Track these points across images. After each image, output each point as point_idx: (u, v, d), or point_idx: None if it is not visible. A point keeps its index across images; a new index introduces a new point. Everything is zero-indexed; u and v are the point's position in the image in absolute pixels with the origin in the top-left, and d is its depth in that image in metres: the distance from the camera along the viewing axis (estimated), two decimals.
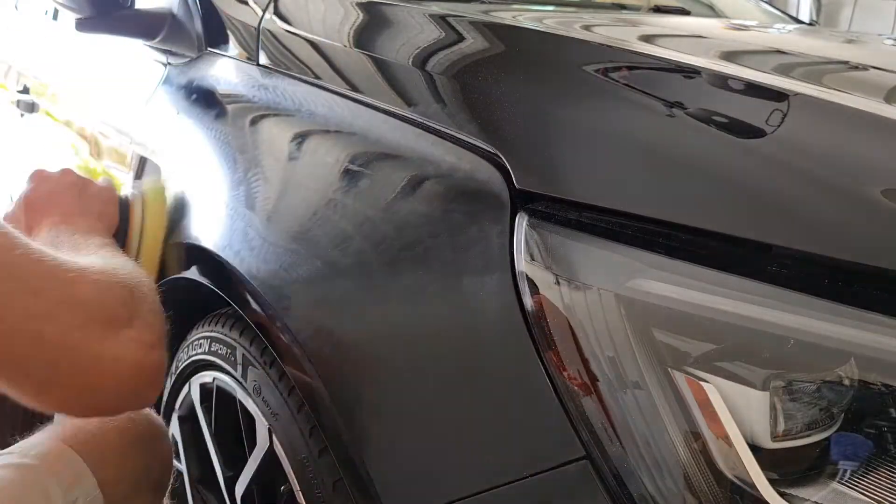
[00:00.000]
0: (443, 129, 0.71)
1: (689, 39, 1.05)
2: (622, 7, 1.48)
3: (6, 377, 0.62)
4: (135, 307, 0.69)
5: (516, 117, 0.67)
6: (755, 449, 0.51)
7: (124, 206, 0.96)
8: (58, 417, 0.86)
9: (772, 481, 0.50)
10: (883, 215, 0.52)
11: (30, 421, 0.82)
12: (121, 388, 0.67)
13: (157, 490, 0.88)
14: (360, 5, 0.96)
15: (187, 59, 1.15)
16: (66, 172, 0.95)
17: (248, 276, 0.82)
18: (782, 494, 0.50)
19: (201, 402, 0.99)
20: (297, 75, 0.93)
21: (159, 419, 0.91)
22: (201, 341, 0.97)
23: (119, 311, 0.67)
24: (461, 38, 0.83)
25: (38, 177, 0.93)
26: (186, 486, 1.03)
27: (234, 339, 0.90)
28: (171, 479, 0.91)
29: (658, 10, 1.52)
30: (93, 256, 0.74)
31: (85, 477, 0.80)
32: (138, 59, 1.26)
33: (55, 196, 0.89)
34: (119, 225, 0.94)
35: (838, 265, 0.50)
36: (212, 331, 0.95)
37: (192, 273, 0.95)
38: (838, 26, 4.48)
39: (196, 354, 0.98)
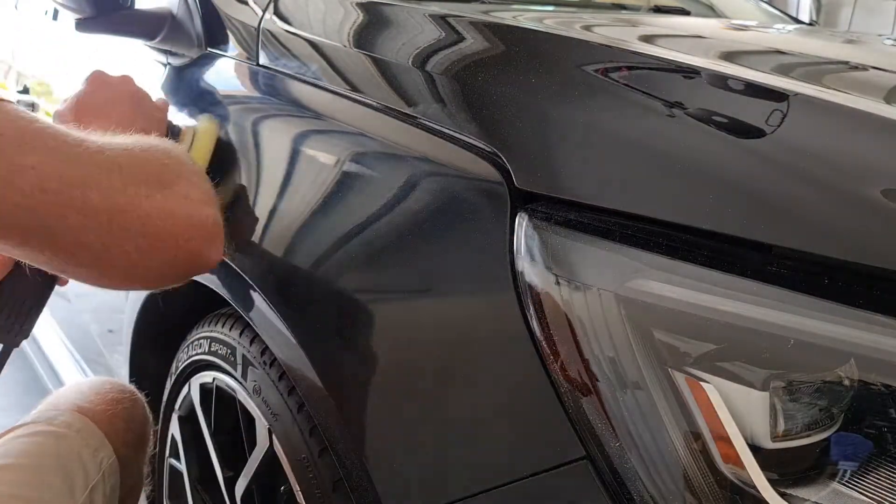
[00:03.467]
0: (443, 129, 0.71)
1: (689, 39, 1.05)
2: (622, 7, 1.48)
3: (66, 252, 0.61)
4: (177, 169, 0.67)
5: (516, 117, 0.67)
6: (755, 449, 0.51)
7: (174, 134, 0.93)
8: (62, 390, 0.97)
9: (772, 481, 0.50)
10: (883, 215, 0.52)
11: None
12: (179, 246, 0.66)
13: (144, 447, 1.00)
14: (360, 5, 0.96)
15: (187, 60, 1.15)
16: (126, 81, 0.92)
17: (248, 276, 0.82)
18: (782, 494, 0.50)
19: (201, 402, 0.99)
20: (297, 75, 0.93)
21: (139, 394, 1.00)
22: (201, 341, 0.97)
23: (160, 171, 0.66)
24: (461, 38, 0.83)
25: (98, 80, 0.90)
26: (186, 486, 1.03)
27: (234, 339, 0.90)
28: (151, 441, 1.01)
29: (658, 10, 1.52)
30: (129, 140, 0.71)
31: (104, 444, 0.90)
32: (138, 59, 1.26)
33: (111, 104, 0.87)
34: None
35: (838, 265, 0.50)
36: (212, 331, 0.95)
37: None
38: (838, 26, 4.48)
39: (196, 354, 0.98)
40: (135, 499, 1.01)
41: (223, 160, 0.96)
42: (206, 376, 0.97)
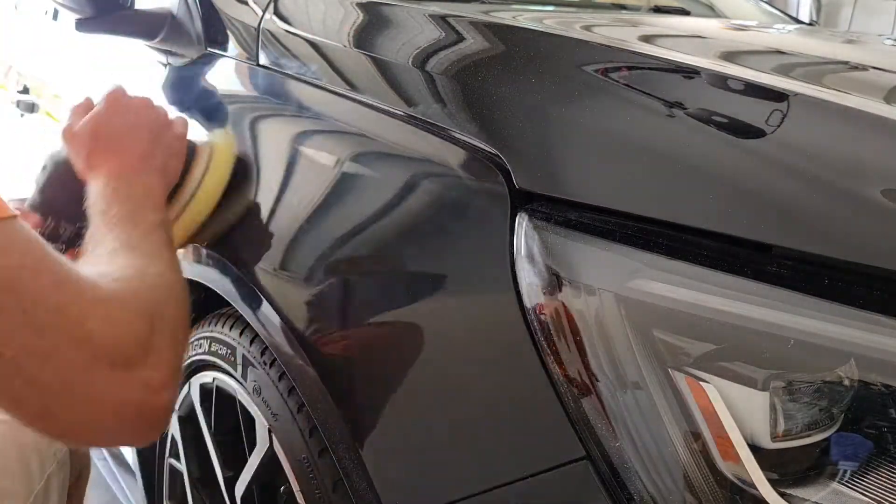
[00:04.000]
0: (443, 129, 0.71)
1: (689, 39, 1.05)
2: (622, 7, 1.48)
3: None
4: (152, 342, 0.62)
5: (516, 117, 0.67)
6: (755, 449, 0.51)
7: (190, 153, 0.89)
8: None
9: (772, 481, 0.50)
10: (883, 215, 0.52)
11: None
12: (122, 429, 0.61)
13: None
14: (360, 5, 0.96)
15: (187, 60, 1.15)
16: (147, 105, 0.86)
17: (248, 276, 0.82)
18: (782, 494, 0.50)
19: (201, 403, 0.99)
20: (297, 75, 0.93)
21: None
22: (201, 341, 0.97)
23: (132, 350, 0.60)
24: (461, 38, 0.83)
25: (117, 102, 0.84)
26: (186, 486, 1.03)
27: (234, 339, 0.90)
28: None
29: (658, 10, 1.52)
30: (133, 259, 0.68)
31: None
32: (138, 59, 1.26)
33: (130, 134, 0.81)
34: (185, 170, 0.88)
35: (838, 265, 0.50)
36: (212, 331, 0.95)
37: (193, 274, 0.95)
38: (838, 26, 4.48)
39: (196, 354, 0.98)
40: (83, 484, 1.03)
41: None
42: (206, 376, 0.97)
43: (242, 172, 0.92)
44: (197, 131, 0.97)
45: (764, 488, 0.50)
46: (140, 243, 0.71)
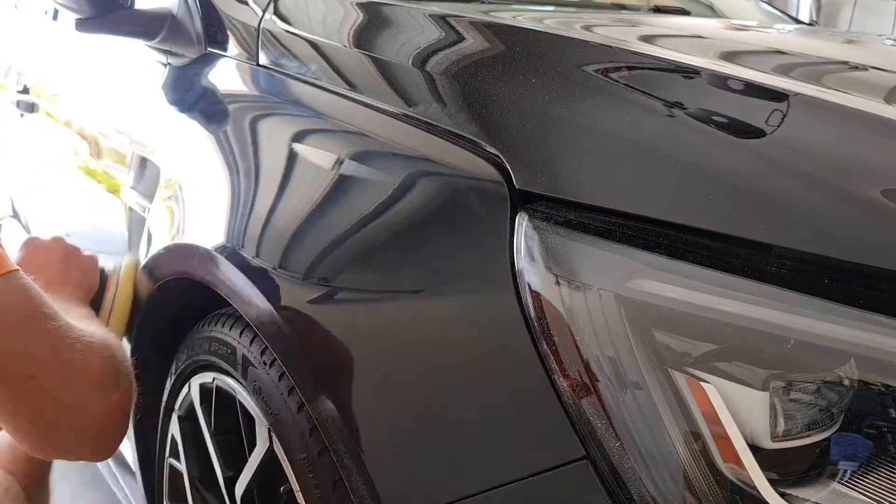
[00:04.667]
0: (443, 129, 0.71)
1: (689, 39, 1.05)
2: (622, 7, 1.48)
3: (13, 424, 0.74)
4: (119, 378, 0.82)
5: (516, 117, 0.67)
6: (755, 449, 0.51)
7: (102, 275, 1.08)
8: None
9: (772, 481, 0.50)
10: (883, 215, 0.52)
11: None
12: (94, 443, 0.80)
13: (48, 476, 1.03)
14: (360, 5, 0.96)
15: (187, 60, 1.14)
16: (56, 241, 1.05)
17: (248, 277, 0.82)
18: (782, 494, 0.50)
19: (201, 403, 0.99)
20: (296, 75, 0.93)
21: None
22: (201, 341, 0.97)
23: (111, 378, 0.80)
24: (461, 38, 0.83)
25: (31, 245, 1.04)
26: (186, 486, 1.03)
27: (234, 339, 0.90)
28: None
29: (658, 10, 1.52)
30: (92, 327, 0.87)
31: (8, 480, 0.93)
32: (138, 59, 1.26)
33: (46, 264, 1.00)
34: (97, 290, 1.06)
35: (838, 265, 0.50)
36: (212, 331, 0.95)
37: (193, 273, 0.95)
38: (838, 26, 4.48)
39: (196, 354, 0.98)
40: None
41: (223, 160, 0.96)
42: (206, 376, 0.97)
43: (242, 172, 0.92)
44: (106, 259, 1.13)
45: (764, 488, 0.50)
46: (84, 319, 0.90)
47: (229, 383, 0.92)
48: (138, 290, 1.07)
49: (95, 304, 1.05)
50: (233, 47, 1.06)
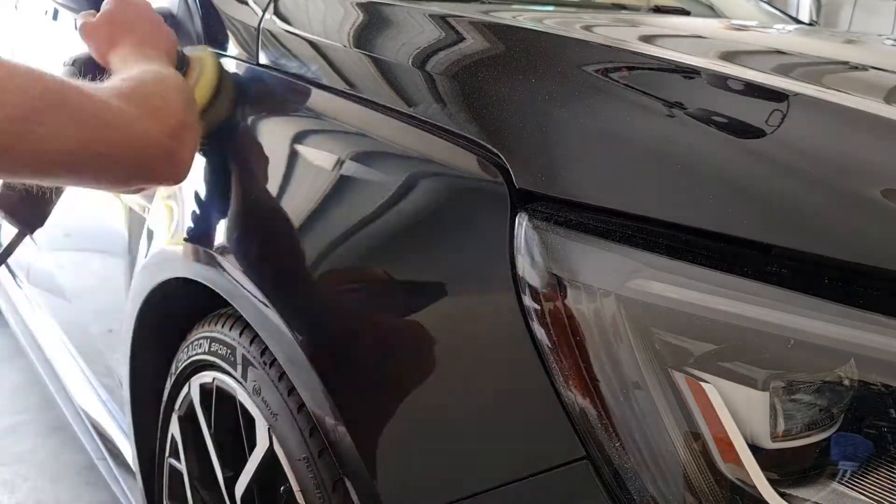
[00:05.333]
0: (443, 130, 0.71)
1: (689, 39, 1.05)
2: (622, 7, 1.48)
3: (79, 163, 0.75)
4: (182, 119, 0.83)
5: (516, 117, 0.67)
6: (755, 449, 0.51)
7: (184, 62, 1.02)
8: None
9: (772, 481, 0.50)
10: (883, 215, 0.52)
11: None
12: (164, 161, 0.81)
13: None
14: (360, 5, 0.96)
15: None
16: (146, 6, 1.03)
17: (248, 277, 0.82)
18: (782, 494, 0.50)
19: (201, 402, 0.99)
20: (297, 75, 0.93)
21: None
22: (201, 341, 0.97)
23: (173, 118, 0.82)
24: (461, 38, 0.83)
25: (122, 1, 1.01)
26: (186, 486, 1.03)
27: (234, 339, 0.90)
28: None
29: (658, 10, 1.52)
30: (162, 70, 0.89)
31: None
32: None
33: (137, 21, 0.99)
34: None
35: (838, 265, 0.50)
36: (212, 331, 0.95)
37: (193, 273, 0.95)
38: (838, 26, 4.48)
39: (196, 354, 0.98)
40: None
41: (223, 160, 0.96)
42: (206, 376, 0.97)
43: (242, 172, 0.92)
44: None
45: (764, 488, 0.50)
46: (161, 67, 0.90)
47: (229, 383, 0.92)
48: (217, 93, 1.02)
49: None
50: (233, 47, 1.06)
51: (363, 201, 0.74)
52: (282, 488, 0.83)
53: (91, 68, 0.98)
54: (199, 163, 1.01)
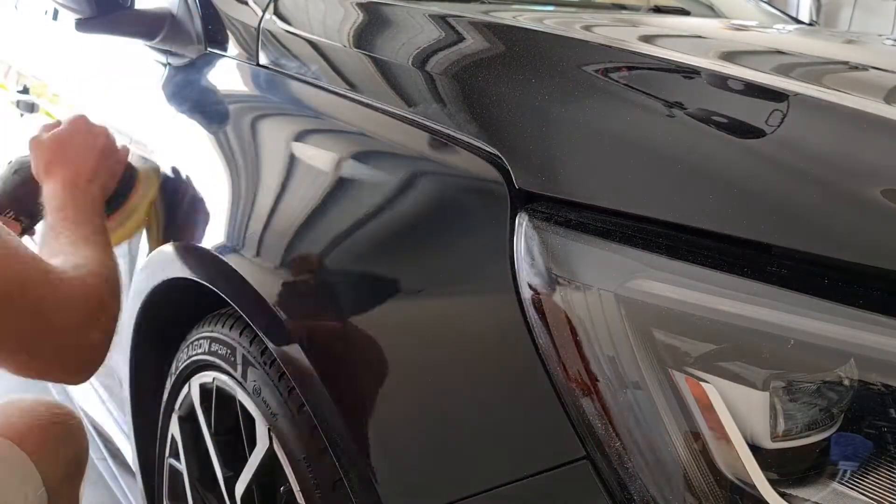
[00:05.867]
0: (443, 130, 0.71)
1: (689, 40, 1.05)
2: (622, 7, 1.48)
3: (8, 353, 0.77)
4: (106, 308, 0.86)
5: (516, 118, 0.67)
6: (755, 449, 0.51)
7: (133, 176, 1.08)
8: None
9: (772, 481, 0.50)
10: (883, 215, 0.52)
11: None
12: (82, 363, 0.84)
13: (80, 476, 1.01)
14: (360, 5, 0.96)
15: (187, 60, 1.15)
16: (101, 133, 1.04)
17: (248, 277, 0.82)
18: (782, 494, 0.50)
19: (201, 403, 0.99)
20: (296, 75, 0.93)
21: (77, 412, 1.05)
22: (201, 341, 0.97)
23: (96, 313, 0.84)
24: (461, 38, 0.83)
25: (79, 125, 1.03)
26: (186, 486, 1.03)
27: (234, 339, 0.90)
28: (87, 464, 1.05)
29: (658, 10, 1.52)
30: (92, 252, 0.89)
31: (32, 474, 0.89)
32: (138, 59, 1.26)
33: (81, 152, 1.00)
34: (118, 188, 1.06)
35: (838, 265, 0.50)
36: (212, 331, 0.95)
37: (193, 273, 0.95)
38: (838, 26, 4.48)
39: (196, 354, 0.98)
40: None
41: (223, 160, 0.96)
42: (206, 376, 0.97)
43: (242, 172, 0.92)
44: (133, 158, 1.13)
45: (764, 488, 0.50)
46: (92, 238, 0.91)
47: (229, 383, 0.92)
48: (157, 207, 1.06)
49: (115, 200, 1.06)
50: (233, 47, 1.06)
51: (363, 201, 0.74)
52: (282, 488, 0.83)
53: (30, 179, 1.02)
54: (200, 163, 1.01)
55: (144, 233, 1.10)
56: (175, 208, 1.03)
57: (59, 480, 0.93)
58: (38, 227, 1.01)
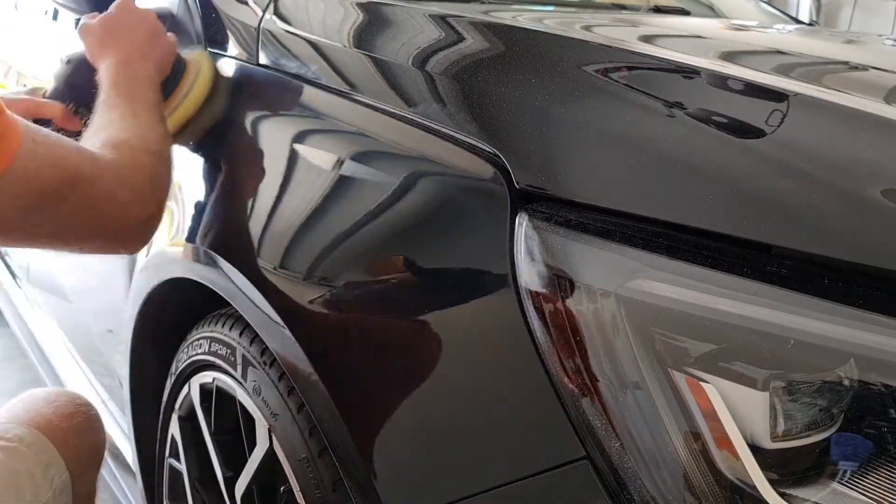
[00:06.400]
0: (443, 130, 0.71)
1: (689, 40, 1.05)
2: (622, 7, 1.48)
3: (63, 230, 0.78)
4: (156, 186, 0.86)
5: (516, 117, 0.67)
6: (755, 449, 0.51)
7: (182, 64, 1.04)
8: (14, 401, 0.99)
9: (772, 481, 0.50)
10: (883, 215, 0.52)
11: None
12: (136, 235, 0.84)
13: (98, 464, 1.03)
14: (360, 5, 0.96)
15: None
16: (147, 15, 1.03)
17: (248, 277, 0.82)
18: (782, 495, 0.50)
19: (201, 402, 0.99)
20: (297, 75, 0.93)
21: (94, 406, 1.06)
22: (201, 341, 0.97)
23: (146, 191, 0.84)
24: (461, 38, 0.83)
25: (124, 7, 1.02)
26: (186, 486, 1.03)
27: (234, 339, 0.90)
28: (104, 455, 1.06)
29: (658, 10, 1.52)
30: (139, 129, 0.88)
31: (56, 460, 0.91)
32: None
33: (131, 33, 0.99)
34: (169, 76, 1.03)
35: (838, 265, 0.50)
36: (212, 331, 0.95)
37: (193, 273, 0.95)
38: (838, 26, 4.48)
39: (196, 354, 0.98)
40: None
41: (223, 160, 0.96)
42: (206, 376, 0.97)
43: (242, 172, 0.92)
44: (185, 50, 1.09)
45: (764, 488, 0.50)
46: (142, 113, 0.90)
47: (229, 383, 0.92)
48: (213, 92, 1.04)
49: (167, 88, 1.03)
50: (233, 47, 1.06)
51: (363, 201, 0.74)
52: (282, 488, 0.83)
53: (84, 68, 1.00)
54: (200, 162, 1.01)
55: None
56: (175, 208, 1.03)
57: (80, 467, 0.95)
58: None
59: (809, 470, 0.51)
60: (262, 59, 0.99)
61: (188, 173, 1.02)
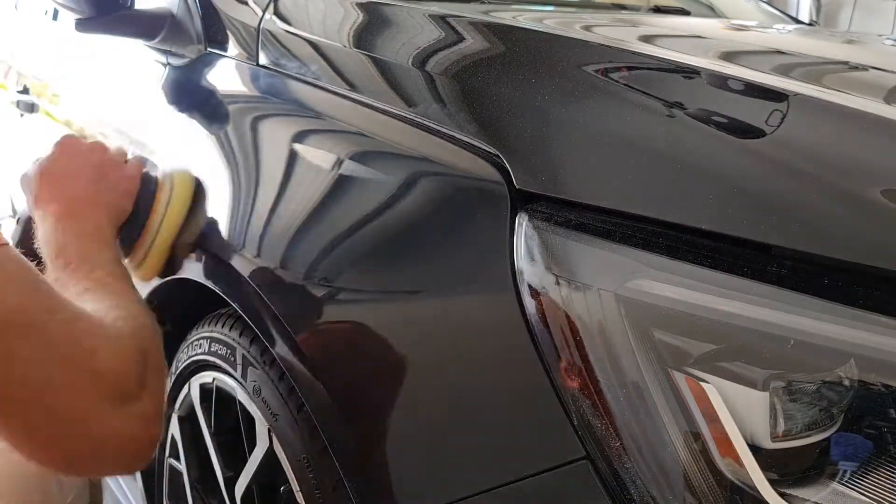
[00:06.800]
0: (443, 130, 0.71)
1: (689, 40, 1.05)
2: (622, 7, 1.48)
3: (6, 434, 0.58)
4: (146, 378, 0.65)
5: (516, 117, 0.67)
6: (755, 449, 0.51)
7: (152, 185, 0.92)
8: None
9: (772, 481, 0.50)
10: (883, 215, 0.52)
11: None
12: (118, 459, 0.64)
13: None
14: (360, 5, 0.96)
15: (187, 60, 1.14)
16: (94, 150, 0.90)
17: (249, 277, 0.82)
18: (782, 495, 0.50)
19: (201, 402, 0.99)
20: (296, 75, 0.93)
21: None
22: (201, 341, 0.97)
23: (132, 384, 0.64)
24: (461, 38, 0.83)
25: (66, 147, 0.88)
26: (186, 486, 1.03)
27: (234, 340, 0.90)
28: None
29: (658, 10, 1.52)
30: (115, 299, 0.71)
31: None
32: (138, 59, 1.26)
33: (73, 177, 0.85)
34: (137, 204, 0.90)
35: (838, 265, 0.50)
36: (212, 331, 0.95)
37: (193, 274, 0.95)
38: (838, 26, 4.48)
39: (196, 354, 0.98)
40: None
41: (223, 160, 0.96)
42: (206, 376, 0.97)
43: (242, 172, 0.92)
44: (156, 167, 0.99)
45: (764, 488, 0.50)
46: (111, 283, 0.74)
47: (229, 383, 0.92)
48: (191, 220, 0.90)
49: (136, 219, 0.89)
50: (233, 47, 1.06)
51: (363, 201, 0.74)
52: (282, 488, 0.83)
53: (29, 225, 0.87)
54: (200, 163, 1.01)
55: None
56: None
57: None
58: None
59: (809, 470, 0.51)
60: (262, 60, 0.99)
61: (188, 173, 1.02)
